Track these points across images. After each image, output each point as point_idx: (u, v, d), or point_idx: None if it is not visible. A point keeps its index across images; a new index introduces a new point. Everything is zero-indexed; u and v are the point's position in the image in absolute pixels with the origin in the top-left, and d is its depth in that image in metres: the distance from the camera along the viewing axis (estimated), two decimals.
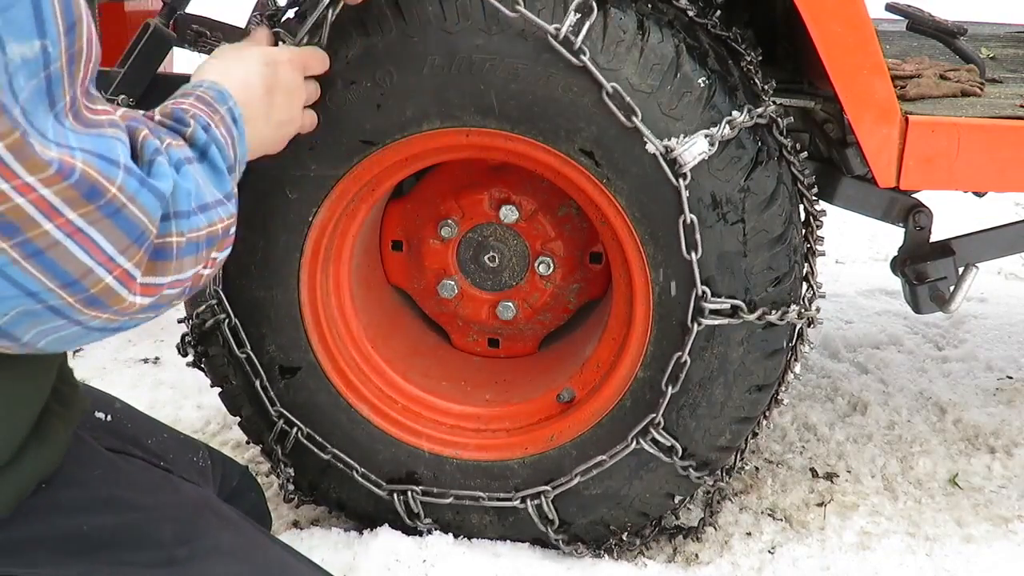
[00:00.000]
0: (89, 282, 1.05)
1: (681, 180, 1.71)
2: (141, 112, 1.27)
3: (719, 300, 1.79)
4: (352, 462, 2.01)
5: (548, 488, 1.99)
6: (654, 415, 1.90)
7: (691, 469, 1.95)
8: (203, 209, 1.20)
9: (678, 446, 1.92)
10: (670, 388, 1.87)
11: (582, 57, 1.66)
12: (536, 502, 2.00)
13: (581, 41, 1.65)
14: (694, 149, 1.69)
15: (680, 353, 1.84)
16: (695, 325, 1.81)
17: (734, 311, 1.81)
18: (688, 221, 1.74)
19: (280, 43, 1.67)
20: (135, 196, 1.07)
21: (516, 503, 2.00)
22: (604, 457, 1.95)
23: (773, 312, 1.82)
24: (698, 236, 1.75)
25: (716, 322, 1.81)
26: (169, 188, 1.12)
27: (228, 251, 1.31)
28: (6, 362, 1.18)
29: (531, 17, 1.65)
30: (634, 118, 1.69)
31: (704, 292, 1.78)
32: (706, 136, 1.70)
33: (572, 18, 1.65)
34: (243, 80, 1.42)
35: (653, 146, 1.70)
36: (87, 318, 1.09)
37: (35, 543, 1.28)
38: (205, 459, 1.71)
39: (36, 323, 1.07)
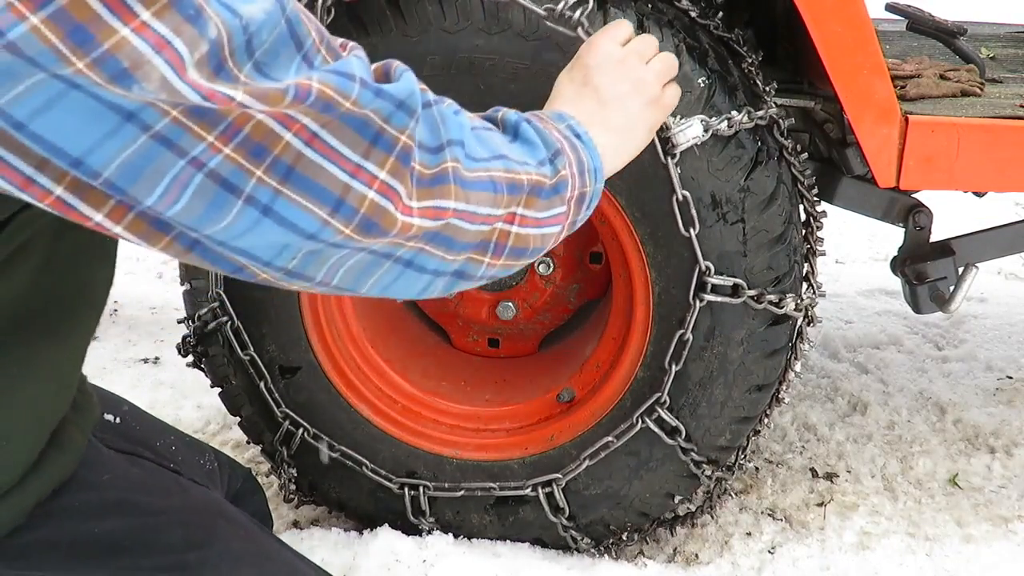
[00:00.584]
0: (353, 199, 1.00)
1: (671, 159, 1.71)
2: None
3: (722, 277, 1.79)
4: (361, 458, 2.02)
5: (559, 475, 1.99)
6: (659, 394, 1.90)
7: (693, 454, 1.95)
8: (499, 158, 1.16)
9: (682, 427, 1.92)
10: (673, 367, 1.87)
11: (579, 30, 1.64)
12: (548, 490, 2.00)
13: (580, 16, 1.63)
14: (689, 132, 1.69)
15: (683, 331, 1.84)
16: (697, 301, 1.81)
17: (735, 290, 1.81)
18: (681, 198, 1.74)
19: None
20: (367, 104, 1.01)
21: (527, 491, 2.00)
22: (611, 438, 1.95)
23: (772, 295, 1.82)
24: (694, 213, 1.75)
25: (717, 299, 1.80)
26: (407, 93, 1.05)
27: (552, 228, 1.24)
28: (32, 374, 1.19)
29: (524, 2, 1.65)
30: None
31: (708, 267, 1.78)
32: (702, 121, 1.70)
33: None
34: (563, 95, 1.41)
35: None
36: (371, 244, 1.05)
37: (45, 547, 1.28)
38: (212, 462, 1.71)
39: (324, 261, 1.04)
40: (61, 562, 1.28)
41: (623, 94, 1.42)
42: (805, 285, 1.95)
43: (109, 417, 1.54)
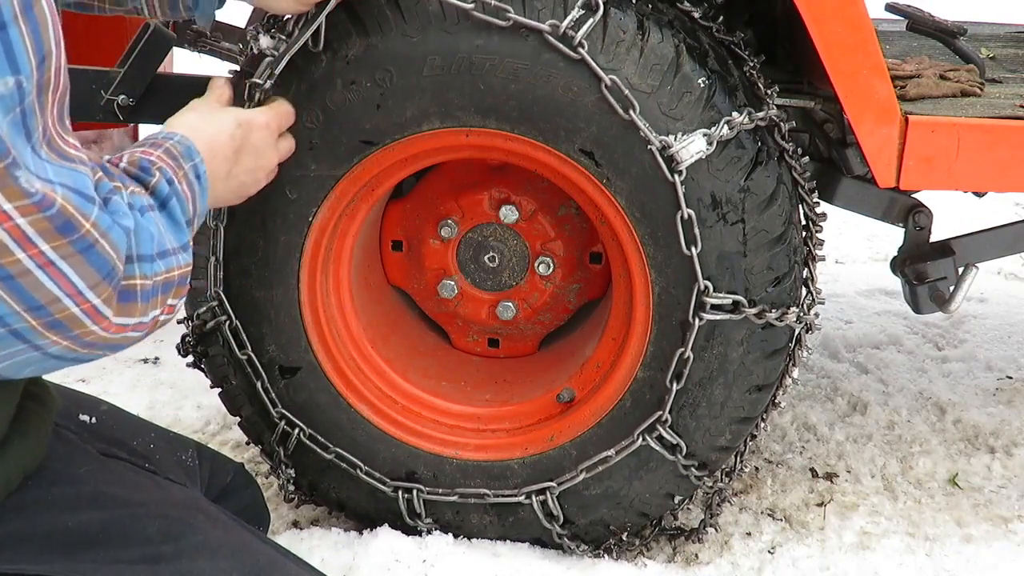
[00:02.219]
0: (55, 309, 1.09)
1: (677, 176, 1.72)
2: (103, 159, 1.32)
3: (720, 295, 1.79)
4: (356, 460, 2.01)
5: (554, 484, 1.99)
6: (661, 412, 1.90)
7: (692, 469, 1.95)
8: (162, 256, 1.24)
9: (683, 444, 1.92)
10: (674, 385, 1.87)
11: (580, 50, 1.65)
12: (541, 498, 2.00)
13: (581, 36, 1.65)
14: (692, 147, 1.70)
15: (683, 349, 1.84)
16: (696, 320, 1.81)
17: (735, 306, 1.81)
18: (686, 216, 1.74)
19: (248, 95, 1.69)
20: (107, 232, 1.11)
21: (521, 499, 2.00)
22: (610, 452, 1.94)
23: (772, 311, 1.82)
24: (697, 231, 1.75)
25: (717, 317, 1.80)
26: (132, 226, 1.16)
27: (183, 299, 1.35)
28: None
29: (525, 21, 1.65)
30: (631, 111, 1.69)
31: (706, 287, 1.78)
32: (704, 135, 1.70)
33: (575, 14, 1.65)
34: (212, 139, 1.46)
35: (651, 142, 1.70)
36: (47, 343, 1.12)
37: (19, 539, 1.29)
38: (193, 458, 1.72)
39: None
40: (36, 554, 1.30)
41: (244, 183, 1.57)
42: (804, 290, 1.94)
43: (85, 417, 1.56)
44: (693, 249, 1.76)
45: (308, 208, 1.85)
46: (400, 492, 2.02)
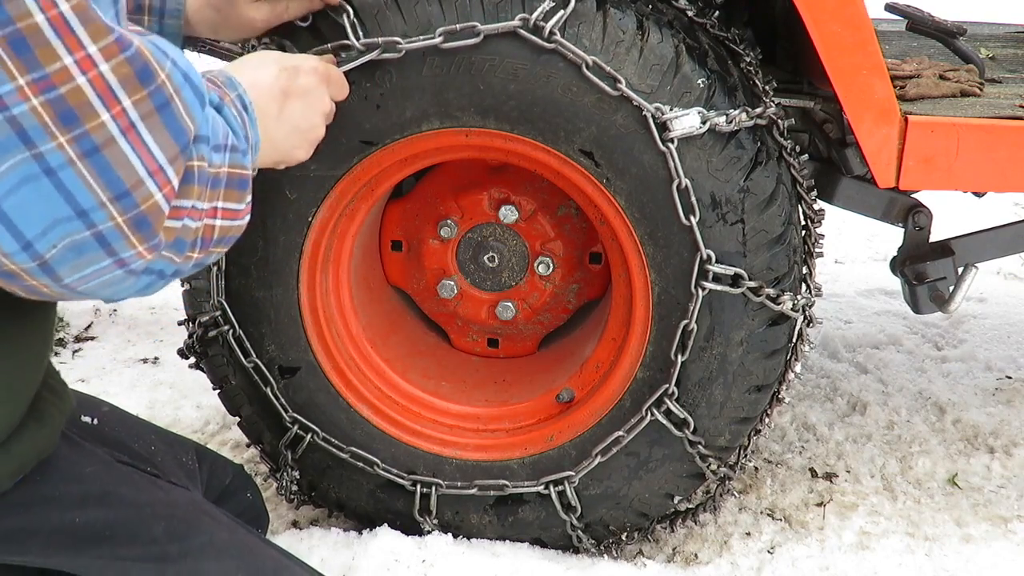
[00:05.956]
0: (140, 195, 1.03)
1: (669, 145, 1.71)
2: None
3: (722, 266, 1.79)
4: (372, 457, 2.01)
5: (572, 473, 1.98)
6: (667, 386, 1.89)
7: (700, 447, 1.94)
8: (217, 149, 1.17)
9: (690, 420, 1.91)
10: (679, 357, 1.86)
11: (553, 38, 1.65)
12: (560, 488, 2.00)
13: (552, 26, 1.64)
14: (685, 120, 1.69)
15: (687, 321, 1.84)
16: (699, 290, 1.81)
17: (735, 280, 1.80)
18: (683, 186, 1.74)
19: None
20: (180, 88, 1.05)
21: (540, 489, 2.00)
22: (621, 433, 1.94)
23: (770, 288, 1.82)
24: (694, 200, 1.75)
25: (719, 287, 1.80)
26: (205, 91, 1.10)
27: (237, 221, 1.25)
28: (4, 345, 1.22)
29: (494, 26, 1.65)
30: (619, 85, 1.68)
31: (708, 256, 1.78)
32: (699, 113, 1.70)
33: (545, 6, 1.65)
34: (254, 79, 1.39)
35: (643, 109, 1.69)
36: (132, 254, 1.06)
37: (27, 534, 1.31)
38: (193, 459, 1.72)
39: (80, 260, 1.04)
40: (42, 549, 1.31)
41: (298, 127, 1.48)
42: (804, 286, 1.95)
43: (87, 419, 1.57)
44: (692, 218, 1.76)
45: (308, 208, 1.85)
46: (418, 486, 2.02)
